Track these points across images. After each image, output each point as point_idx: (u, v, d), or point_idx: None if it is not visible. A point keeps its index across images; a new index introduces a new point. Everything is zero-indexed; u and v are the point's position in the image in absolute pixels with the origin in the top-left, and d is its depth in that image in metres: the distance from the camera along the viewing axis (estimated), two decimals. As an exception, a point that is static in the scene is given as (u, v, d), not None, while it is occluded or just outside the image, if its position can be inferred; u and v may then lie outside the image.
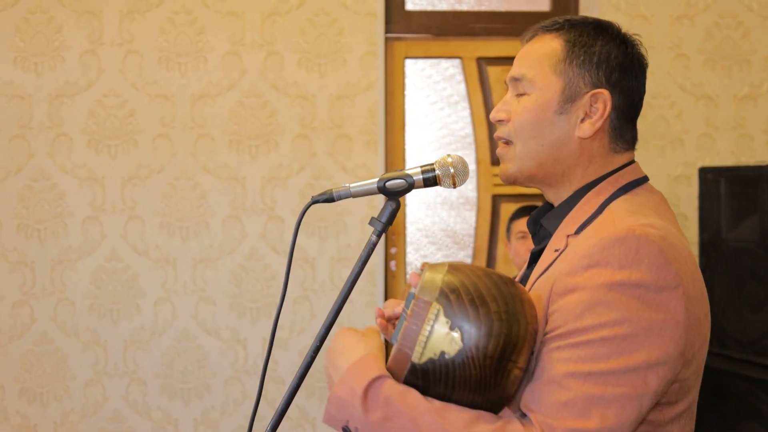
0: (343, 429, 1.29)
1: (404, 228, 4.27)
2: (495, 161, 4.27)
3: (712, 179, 3.57)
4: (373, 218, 1.45)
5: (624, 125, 1.44)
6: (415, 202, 4.29)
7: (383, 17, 4.00)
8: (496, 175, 4.25)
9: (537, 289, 1.36)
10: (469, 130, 4.30)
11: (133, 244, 3.95)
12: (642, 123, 4.05)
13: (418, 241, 4.30)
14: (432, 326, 1.23)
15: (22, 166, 3.90)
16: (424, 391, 1.26)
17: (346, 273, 4.00)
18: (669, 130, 4.09)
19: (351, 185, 1.46)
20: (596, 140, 1.42)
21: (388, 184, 1.44)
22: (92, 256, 3.94)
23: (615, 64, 1.42)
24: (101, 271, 3.94)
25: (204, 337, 3.99)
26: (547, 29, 1.46)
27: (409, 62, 4.26)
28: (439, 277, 1.26)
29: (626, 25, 4.49)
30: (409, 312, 1.25)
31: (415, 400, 1.24)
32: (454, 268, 1.28)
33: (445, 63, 4.29)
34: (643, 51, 1.46)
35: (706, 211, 3.61)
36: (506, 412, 1.34)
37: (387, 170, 4.14)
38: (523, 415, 1.27)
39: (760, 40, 4.11)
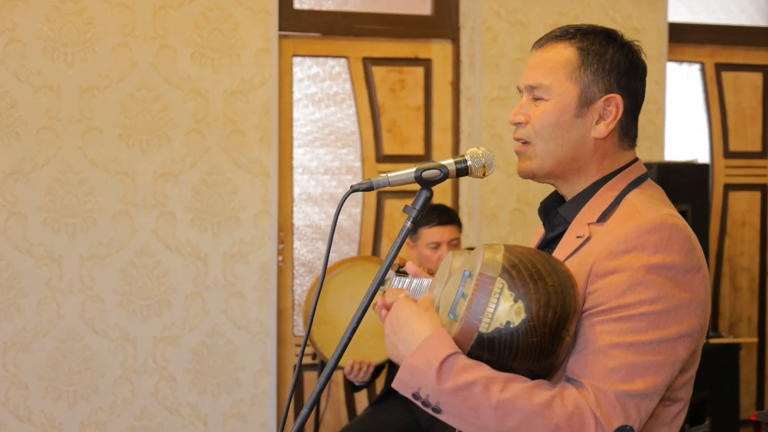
0: (413, 395, 1.39)
1: (292, 225, 4.31)
2: (380, 159, 4.40)
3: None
4: (406, 206, 1.54)
5: (630, 123, 1.60)
6: (302, 198, 4.34)
7: (277, 15, 4.04)
8: (381, 172, 4.35)
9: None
10: (354, 128, 4.40)
11: (14, 241, 3.77)
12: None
13: (306, 236, 4.35)
14: (498, 299, 1.36)
15: None
16: (489, 364, 1.38)
17: (239, 269, 4.00)
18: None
19: (389, 175, 1.54)
20: (608, 139, 1.57)
21: (424, 173, 1.53)
22: (-31, 255, 3.73)
23: (623, 70, 1.57)
24: (-21, 270, 3.74)
25: (91, 337, 3.87)
26: (559, 38, 1.59)
27: (296, 60, 4.31)
28: (499, 256, 1.39)
29: (506, 31, 4.72)
30: (474, 287, 1.37)
31: (485, 371, 1.37)
32: (509, 247, 1.42)
33: (331, 62, 4.38)
34: (643, 57, 1.62)
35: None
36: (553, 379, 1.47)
37: (280, 166, 4.17)
38: (568, 381, 1.42)
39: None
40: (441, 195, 4.39)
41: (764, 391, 5.01)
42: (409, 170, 1.55)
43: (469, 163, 1.55)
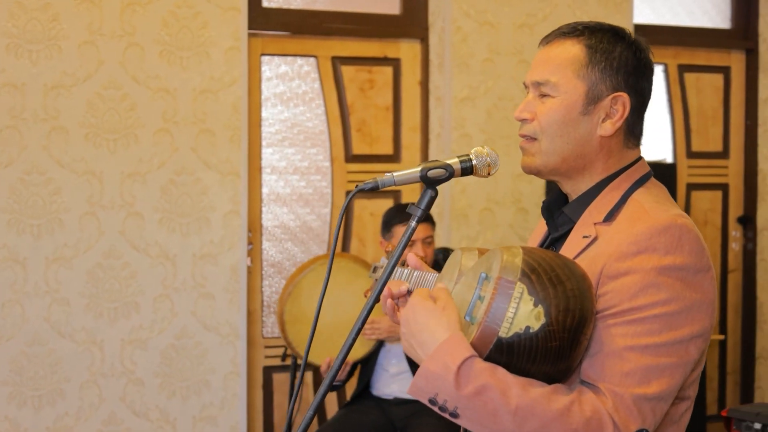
0: (429, 401, 1.37)
1: (260, 225, 4.27)
2: (349, 158, 4.38)
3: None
4: (411, 205, 1.52)
5: (636, 122, 1.59)
6: (271, 199, 4.30)
7: (246, 13, 3.99)
8: (350, 172, 4.36)
9: None
10: (323, 127, 4.37)
11: (-23, 243, 3.68)
12: (491, 124, 4.32)
13: (275, 237, 4.31)
14: (518, 304, 1.34)
15: None
16: (506, 367, 1.37)
17: (208, 270, 3.94)
18: (513, 131, 4.38)
19: (395, 174, 1.52)
20: (614, 137, 1.57)
21: (430, 173, 1.51)
22: (-71, 257, 3.63)
23: (631, 68, 1.56)
24: (-60, 273, 3.64)
25: (57, 340, 3.78)
26: (567, 35, 1.58)
27: (265, 59, 4.27)
28: (518, 260, 1.38)
29: (475, 31, 4.72)
30: (493, 291, 1.36)
31: (503, 375, 1.35)
32: (527, 250, 1.40)
33: (300, 61, 4.34)
34: (651, 55, 1.61)
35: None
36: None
37: (250, 166, 4.12)
38: (583, 385, 1.41)
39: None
40: (412, 194, 4.38)
41: (726, 387, 5.09)
42: (415, 169, 1.53)
43: (474, 162, 1.54)
